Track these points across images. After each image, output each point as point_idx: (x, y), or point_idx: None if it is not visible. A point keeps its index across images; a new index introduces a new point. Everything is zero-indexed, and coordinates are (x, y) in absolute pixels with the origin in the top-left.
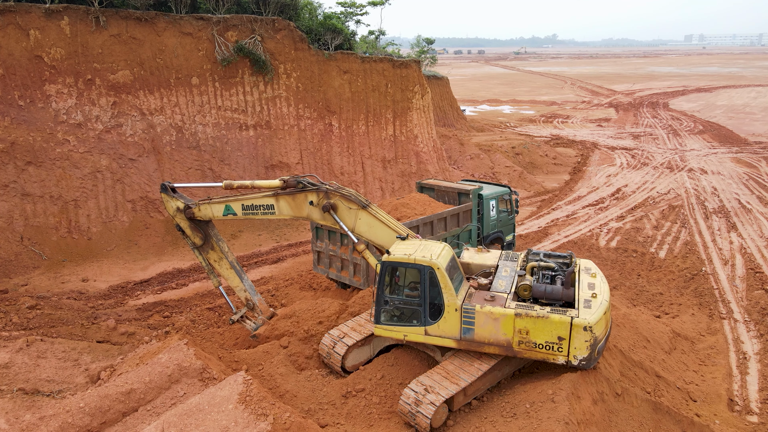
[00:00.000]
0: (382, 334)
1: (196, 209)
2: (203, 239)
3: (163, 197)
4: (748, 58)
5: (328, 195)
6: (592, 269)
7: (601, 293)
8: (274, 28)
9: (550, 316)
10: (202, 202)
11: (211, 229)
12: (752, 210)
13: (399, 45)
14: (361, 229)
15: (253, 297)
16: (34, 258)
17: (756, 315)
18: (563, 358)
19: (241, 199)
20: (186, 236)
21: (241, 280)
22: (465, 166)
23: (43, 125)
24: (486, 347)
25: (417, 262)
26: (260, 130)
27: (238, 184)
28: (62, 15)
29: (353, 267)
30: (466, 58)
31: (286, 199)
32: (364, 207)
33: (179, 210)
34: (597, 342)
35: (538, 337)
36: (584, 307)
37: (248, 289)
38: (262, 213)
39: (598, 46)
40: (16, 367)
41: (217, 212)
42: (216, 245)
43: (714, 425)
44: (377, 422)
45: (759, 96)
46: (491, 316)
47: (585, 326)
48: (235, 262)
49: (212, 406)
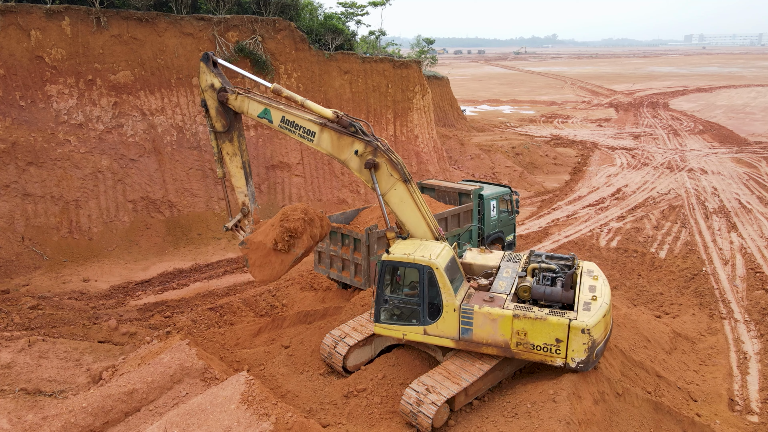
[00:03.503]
0: (382, 333)
1: (232, 96)
2: (225, 128)
3: (201, 67)
4: (748, 58)
5: (375, 152)
6: (594, 272)
7: (601, 296)
8: (275, 29)
9: (548, 318)
10: (242, 93)
11: (237, 121)
12: (752, 210)
13: (399, 45)
14: (392, 200)
15: (250, 204)
16: (36, 258)
17: (756, 315)
18: (561, 361)
19: (284, 110)
20: (208, 117)
21: (246, 183)
22: (465, 166)
23: (44, 125)
24: (484, 348)
25: (416, 261)
26: (261, 131)
27: (288, 94)
28: (63, 15)
29: (354, 267)
30: (466, 58)
31: (330, 134)
32: (405, 181)
33: (213, 88)
34: (595, 345)
35: (536, 339)
36: (583, 309)
37: (249, 195)
38: (299, 135)
39: (598, 46)
40: (18, 368)
41: (253, 110)
42: (236, 140)
43: (714, 425)
44: (379, 422)
45: (759, 96)
46: (489, 317)
47: (583, 329)
48: (247, 164)
49: (214, 406)
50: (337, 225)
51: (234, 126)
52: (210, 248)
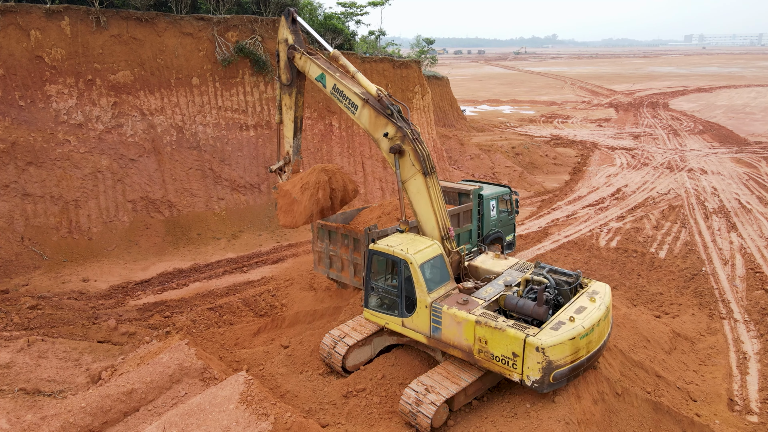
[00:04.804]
0: (370, 318)
1: (299, 55)
2: (288, 82)
3: (281, 21)
4: (748, 58)
5: (404, 139)
6: (599, 293)
7: (583, 319)
8: (275, 29)
9: (507, 330)
10: (309, 54)
11: (300, 80)
12: (752, 210)
13: (399, 45)
14: (410, 189)
15: (293, 155)
16: (35, 258)
17: (756, 315)
18: (518, 376)
19: (336, 79)
20: (278, 67)
21: (294, 135)
22: (465, 166)
23: (43, 125)
24: (451, 350)
25: (395, 254)
26: (261, 131)
27: (344, 62)
28: (63, 15)
29: (354, 267)
30: (466, 58)
31: (370, 111)
32: (425, 173)
33: (286, 42)
34: (552, 366)
35: (496, 349)
36: (551, 328)
37: (294, 147)
38: (345, 105)
39: (598, 46)
40: (17, 367)
41: (313, 72)
42: (294, 96)
43: (714, 425)
44: (378, 422)
45: (759, 96)
46: (455, 319)
47: (538, 347)
48: (299, 119)
49: (213, 405)
50: (337, 225)
51: (295, 83)
52: (209, 248)
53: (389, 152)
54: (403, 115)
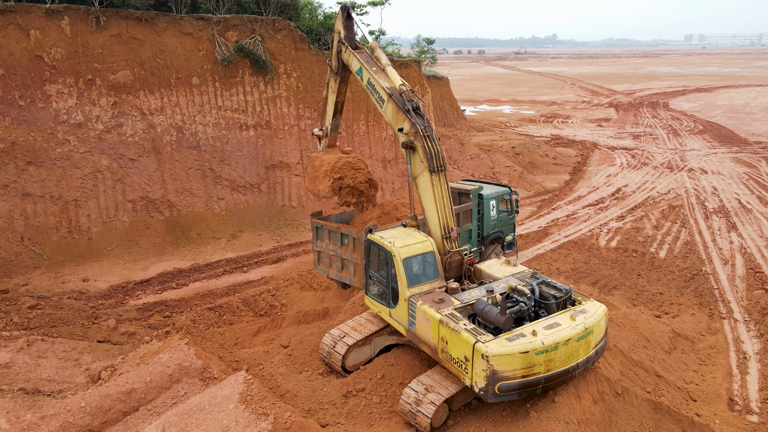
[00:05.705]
0: (368, 305)
1: (344, 48)
2: (335, 70)
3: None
4: (748, 58)
5: (416, 136)
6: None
7: (547, 336)
8: (275, 28)
9: (462, 333)
10: (353, 48)
11: (345, 71)
12: (752, 210)
13: (399, 45)
14: (419, 185)
15: (330, 132)
16: (35, 258)
17: (756, 315)
18: (469, 381)
19: (371, 74)
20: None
21: (333, 116)
22: (465, 166)
23: (43, 125)
24: (423, 346)
25: (383, 245)
26: (260, 130)
27: (378, 54)
28: (62, 15)
29: (353, 267)
30: (466, 58)
31: (393, 106)
32: (432, 171)
33: (339, 34)
34: (497, 377)
35: (453, 351)
36: (507, 338)
37: (332, 126)
38: (375, 98)
39: (598, 46)
40: (16, 367)
41: (354, 65)
42: (337, 84)
43: (714, 425)
44: (378, 422)
45: (759, 96)
46: (425, 316)
47: (483, 354)
48: (339, 104)
49: (213, 405)
50: (337, 225)
51: (340, 72)
52: (209, 248)
53: (402, 147)
54: (421, 111)
